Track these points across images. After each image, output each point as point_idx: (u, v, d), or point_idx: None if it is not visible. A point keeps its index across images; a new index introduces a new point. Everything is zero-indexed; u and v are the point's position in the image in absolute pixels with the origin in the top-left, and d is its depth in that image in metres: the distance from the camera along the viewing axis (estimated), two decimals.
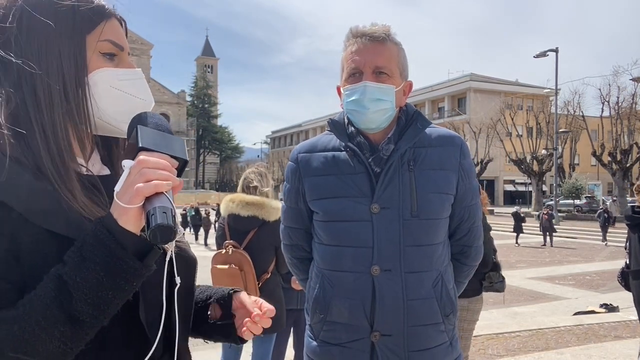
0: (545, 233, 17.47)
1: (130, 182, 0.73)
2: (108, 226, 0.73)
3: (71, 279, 0.71)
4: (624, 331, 5.62)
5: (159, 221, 0.70)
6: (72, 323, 0.71)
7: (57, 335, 0.71)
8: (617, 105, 31.31)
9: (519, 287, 9.62)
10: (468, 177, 1.56)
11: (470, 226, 1.60)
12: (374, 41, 1.48)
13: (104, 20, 0.88)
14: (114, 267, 0.72)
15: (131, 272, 0.73)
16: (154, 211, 0.71)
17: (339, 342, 1.50)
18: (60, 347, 0.71)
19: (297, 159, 1.61)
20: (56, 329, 0.71)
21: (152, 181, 0.72)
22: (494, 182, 51.25)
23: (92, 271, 0.71)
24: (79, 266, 0.71)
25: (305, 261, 1.68)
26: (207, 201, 49.69)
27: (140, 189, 0.72)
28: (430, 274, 1.49)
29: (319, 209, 1.54)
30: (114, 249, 0.72)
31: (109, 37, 0.88)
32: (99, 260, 0.71)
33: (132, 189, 0.72)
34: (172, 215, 0.71)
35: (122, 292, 0.74)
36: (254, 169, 3.32)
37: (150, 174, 0.73)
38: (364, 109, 1.48)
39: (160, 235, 0.70)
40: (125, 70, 0.90)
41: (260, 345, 3.18)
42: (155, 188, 0.72)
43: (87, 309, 0.71)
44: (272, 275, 3.08)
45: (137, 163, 0.74)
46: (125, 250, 0.72)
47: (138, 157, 0.75)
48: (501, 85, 53.15)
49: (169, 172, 0.75)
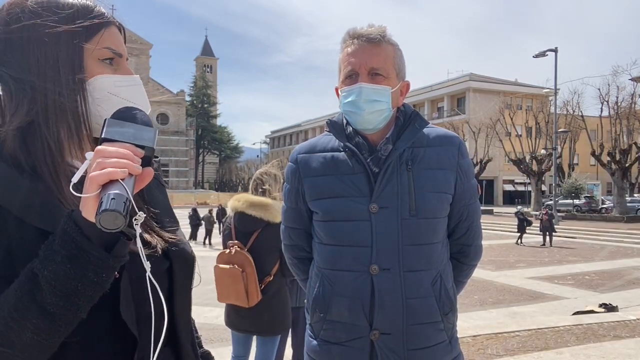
0: (544, 233, 17.48)
1: (88, 172, 0.74)
2: (75, 219, 0.73)
3: (40, 272, 0.72)
4: (623, 331, 5.63)
5: (103, 207, 0.69)
6: (44, 315, 0.72)
7: (30, 327, 0.72)
8: (616, 105, 31.35)
9: (518, 287, 9.64)
10: (466, 176, 1.57)
11: (469, 225, 1.61)
12: (370, 42, 1.49)
13: (103, 27, 0.89)
14: (78, 258, 0.72)
15: (98, 263, 0.73)
16: (103, 198, 0.70)
17: (339, 341, 1.51)
18: (35, 339, 0.72)
19: (297, 160, 1.62)
20: (28, 321, 0.72)
21: (105, 169, 0.72)
22: (493, 182, 51.26)
23: (58, 263, 0.72)
24: (47, 259, 0.72)
25: (306, 261, 1.69)
26: (206, 201, 49.69)
27: (93, 177, 0.71)
28: (429, 272, 1.50)
29: (318, 209, 1.55)
30: (79, 241, 0.72)
31: (108, 45, 0.89)
32: (65, 252, 0.72)
33: (87, 179, 0.73)
34: (124, 202, 0.70)
35: (91, 284, 0.74)
36: (266, 169, 3.29)
37: (104, 163, 0.72)
38: (359, 110, 1.49)
39: (107, 220, 0.68)
40: (122, 77, 0.91)
41: (263, 346, 3.18)
42: (108, 175, 0.71)
43: (57, 301, 0.72)
44: (275, 278, 3.08)
45: (95, 153, 0.75)
46: (89, 241, 0.73)
47: (96, 148, 0.75)
48: (500, 85, 53.19)
49: (127, 160, 0.74)
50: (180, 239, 0.98)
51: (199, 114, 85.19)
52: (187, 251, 0.99)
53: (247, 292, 2.97)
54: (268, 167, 3.34)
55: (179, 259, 0.95)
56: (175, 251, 0.95)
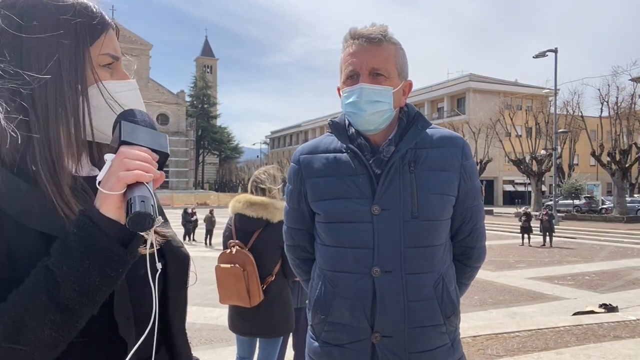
0: (544, 233, 17.47)
1: (112, 172, 0.76)
2: (91, 216, 0.75)
3: (58, 269, 0.73)
4: (623, 331, 5.63)
5: (137, 209, 0.72)
6: (61, 311, 0.73)
7: (48, 323, 0.73)
8: (616, 105, 31.37)
9: (518, 287, 9.63)
10: (470, 178, 1.56)
11: (473, 227, 1.59)
12: (371, 42, 1.48)
13: (104, 32, 0.89)
14: (98, 254, 0.74)
15: (116, 258, 0.75)
16: (133, 200, 0.73)
17: (340, 343, 1.51)
18: (52, 335, 0.73)
19: (299, 161, 1.62)
20: (46, 317, 0.72)
21: (134, 170, 0.75)
22: (493, 182, 51.29)
23: (77, 259, 0.73)
24: (64, 255, 0.74)
25: (308, 262, 1.69)
26: (206, 201, 49.72)
27: (122, 176, 0.75)
28: (431, 275, 1.49)
29: (320, 210, 1.55)
30: (98, 237, 0.74)
31: (108, 51, 0.90)
32: (84, 248, 0.74)
33: (114, 177, 0.75)
34: (152, 205, 0.74)
35: (108, 279, 0.76)
36: (264, 169, 3.31)
37: (130, 164, 0.76)
38: (361, 111, 1.48)
39: (138, 222, 0.72)
40: (122, 83, 0.92)
41: (266, 347, 3.17)
42: (136, 177, 0.75)
43: (75, 296, 0.73)
44: (277, 278, 3.07)
45: (119, 154, 0.78)
46: (108, 237, 0.75)
47: (120, 150, 0.79)
48: (500, 85, 53.22)
49: (149, 164, 0.78)
50: (172, 236, 0.99)
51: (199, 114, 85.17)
52: (182, 250, 0.99)
53: (248, 291, 2.97)
54: (266, 167, 3.36)
55: (173, 258, 0.96)
56: (170, 250, 0.96)
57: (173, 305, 0.96)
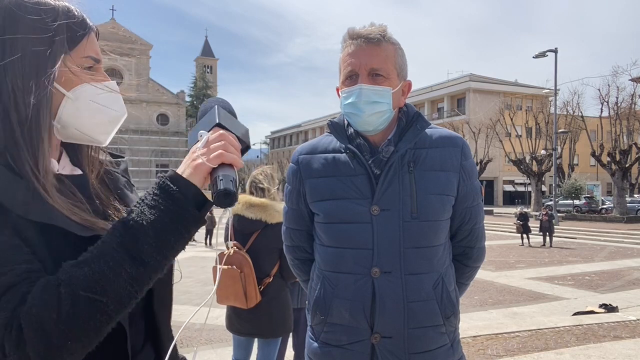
0: (544, 233, 17.47)
1: (214, 147, 0.85)
2: (172, 179, 0.82)
3: (137, 224, 0.79)
4: (623, 331, 5.63)
5: (229, 187, 0.80)
6: (137, 264, 0.78)
7: (124, 275, 0.77)
8: (616, 105, 31.36)
9: (518, 287, 9.63)
10: (469, 178, 1.55)
11: (472, 227, 1.59)
12: (369, 43, 1.47)
13: (86, 35, 0.91)
14: (177, 213, 0.80)
15: (191, 219, 0.81)
16: (223, 177, 0.81)
17: (340, 343, 1.50)
18: (127, 289, 0.77)
19: (298, 161, 1.62)
20: (123, 270, 0.77)
21: (232, 154, 0.85)
22: (493, 183, 51.28)
23: (157, 217, 0.79)
24: (144, 212, 0.79)
25: (307, 262, 1.69)
26: None
27: (224, 154, 0.84)
28: (431, 275, 1.49)
29: (319, 211, 1.54)
30: (178, 198, 0.81)
31: (90, 54, 0.92)
32: (164, 207, 0.80)
33: (215, 152, 0.84)
34: (236, 187, 0.82)
35: (181, 239, 0.81)
36: (262, 169, 3.32)
37: (229, 147, 0.86)
38: (360, 111, 1.48)
39: (225, 198, 0.80)
40: (103, 85, 0.93)
41: (264, 348, 3.17)
42: (233, 160, 0.85)
43: (151, 251, 0.78)
44: (274, 279, 3.07)
45: (220, 135, 0.87)
46: (187, 199, 0.81)
47: (219, 131, 0.87)
48: (500, 85, 53.19)
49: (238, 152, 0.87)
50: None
51: None
52: None
53: (245, 293, 2.97)
54: (263, 167, 3.38)
55: None
56: None
57: (158, 303, 0.98)
